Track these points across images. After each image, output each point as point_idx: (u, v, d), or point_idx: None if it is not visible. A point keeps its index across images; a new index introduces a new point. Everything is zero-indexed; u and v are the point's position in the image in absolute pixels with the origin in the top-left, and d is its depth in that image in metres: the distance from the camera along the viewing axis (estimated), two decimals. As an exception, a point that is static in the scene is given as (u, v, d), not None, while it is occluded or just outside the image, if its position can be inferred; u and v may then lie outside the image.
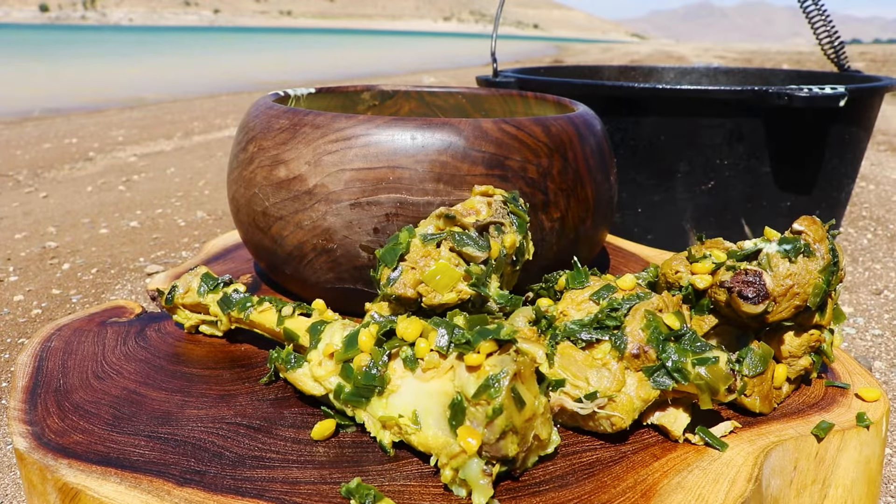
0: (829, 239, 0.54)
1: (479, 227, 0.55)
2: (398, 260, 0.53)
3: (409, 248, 0.54)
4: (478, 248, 0.53)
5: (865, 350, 1.24)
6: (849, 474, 0.54)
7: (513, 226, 0.56)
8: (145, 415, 0.52)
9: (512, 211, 0.57)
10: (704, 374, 0.47)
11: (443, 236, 0.54)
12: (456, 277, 0.52)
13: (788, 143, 1.20)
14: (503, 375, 0.41)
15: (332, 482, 0.45)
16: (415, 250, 0.53)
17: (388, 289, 0.52)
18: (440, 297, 0.52)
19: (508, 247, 0.55)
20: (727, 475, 0.46)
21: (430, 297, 0.52)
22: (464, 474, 0.42)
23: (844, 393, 0.58)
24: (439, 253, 0.53)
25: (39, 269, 1.74)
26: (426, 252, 0.53)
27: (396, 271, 0.53)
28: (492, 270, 0.54)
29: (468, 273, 0.52)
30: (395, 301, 0.53)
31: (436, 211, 0.55)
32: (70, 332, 0.66)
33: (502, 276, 0.55)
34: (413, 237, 0.54)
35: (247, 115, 0.73)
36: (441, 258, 0.53)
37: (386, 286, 0.53)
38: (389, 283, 0.53)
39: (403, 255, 0.53)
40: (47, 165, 3.11)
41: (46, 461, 0.47)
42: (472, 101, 0.94)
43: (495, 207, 0.56)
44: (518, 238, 0.56)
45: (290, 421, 0.52)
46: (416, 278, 0.52)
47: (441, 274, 0.52)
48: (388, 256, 0.54)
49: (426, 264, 0.52)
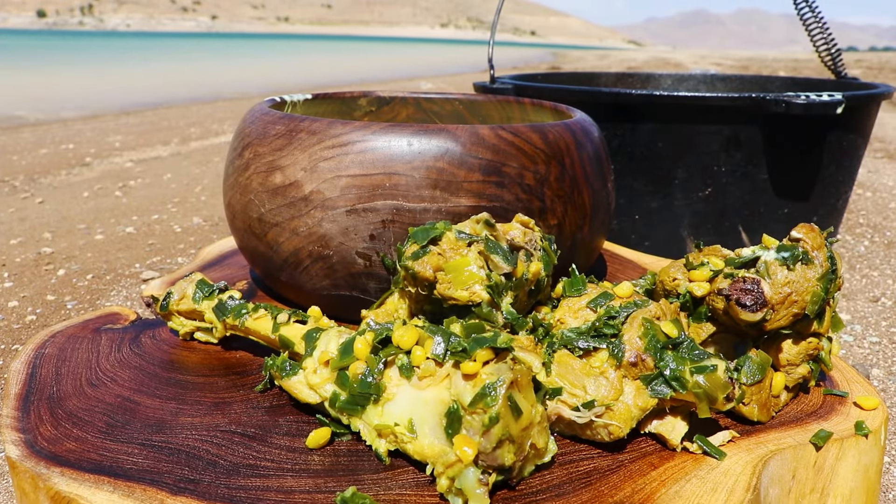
0: (827, 246, 0.54)
1: (510, 246, 0.56)
2: (429, 242, 0.54)
3: (442, 236, 0.54)
4: (504, 261, 0.54)
5: (863, 358, 1.24)
6: (847, 483, 0.53)
7: (540, 261, 0.57)
8: (139, 422, 0.52)
9: (544, 248, 0.58)
10: (702, 382, 0.47)
11: (476, 238, 0.54)
12: (475, 278, 0.52)
13: (786, 151, 1.20)
14: (500, 384, 0.41)
15: (327, 491, 0.44)
16: (447, 240, 0.54)
17: (410, 262, 0.53)
18: (453, 290, 0.52)
19: (532, 273, 0.56)
20: (725, 484, 0.46)
21: (445, 286, 0.52)
22: (460, 483, 0.42)
23: (843, 401, 0.58)
24: (469, 251, 0.54)
25: (34, 275, 1.74)
26: (457, 245, 0.54)
27: (423, 250, 0.54)
28: (510, 287, 0.54)
29: (488, 278, 0.53)
30: (410, 277, 0.54)
31: (476, 216, 0.56)
32: (64, 339, 0.66)
33: (517, 299, 0.56)
34: (449, 230, 0.55)
35: (243, 122, 0.73)
36: (468, 256, 0.53)
37: (409, 259, 0.53)
38: (414, 257, 0.53)
39: (435, 240, 0.54)
40: (44, 171, 3.11)
41: (39, 469, 0.46)
42: (469, 108, 0.94)
43: (530, 237, 0.58)
44: (543, 272, 0.56)
45: (284, 429, 0.51)
46: (438, 263, 0.53)
47: (463, 268, 0.52)
48: (420, 235, 0.55)
49: (452, 256, 0.53)
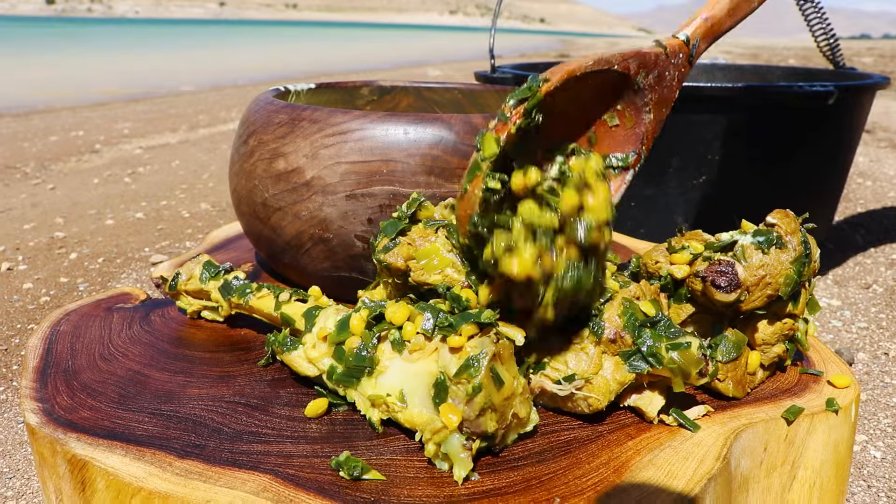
0: (801, 231, 0.56)
1: None
2: (398, 233, 0.57)
3: (411, 227, 0.57)
4: None
5: (850, 342, 1.27)
6: (818, 456, 0.56)
7: None
8: (149, 393, 0.55)
9: None
10: (677, 358, 0.50)
11: (443, 223, 0.57)
12: (445, 262, 0.55)
13: (779, 139, 1.22)
14: (483, 356, 0.44)
15: (323, 456, 0.48)
16: (415, 229, 0.57)
17: (382, 255, 0.56)
18: (427, 276, 0.55)
19: None
20: (696, 454, 0.49)
21: (418, 273, 0.55)
22: (445, 448, 0.45)
23: (817, 380, 0.60)
24: (437, 237, 0.56)
25: (47, 259, 1.78)
26: (425, 233, 0.56)
27: (393, 242, 0.56)
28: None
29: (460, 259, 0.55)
30: (385, 269, 0.56)
31: (445, 201, 0.59)
32: (78, 317, 0.69)
33: None
34: (426, 209, 0.58)
35: (248, 111, 0.76)
36: (436, 242, 0.56)
37: (381, 252, 0.56)
38: (385, 250, 0.56)
39: (404, 231, 0.57)
40: (54, 158, 3.15)
41: (56, 435, 0.50)
42: (467, 97, 0.97)
43: None
44: None
45: (285, 400, 0.55)
46: (409, 252, 0.55)
47: (432, 254, 0.55)
48: (389, 228, 0.57)
49: (422, 244, 0.56)
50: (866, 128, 3.69)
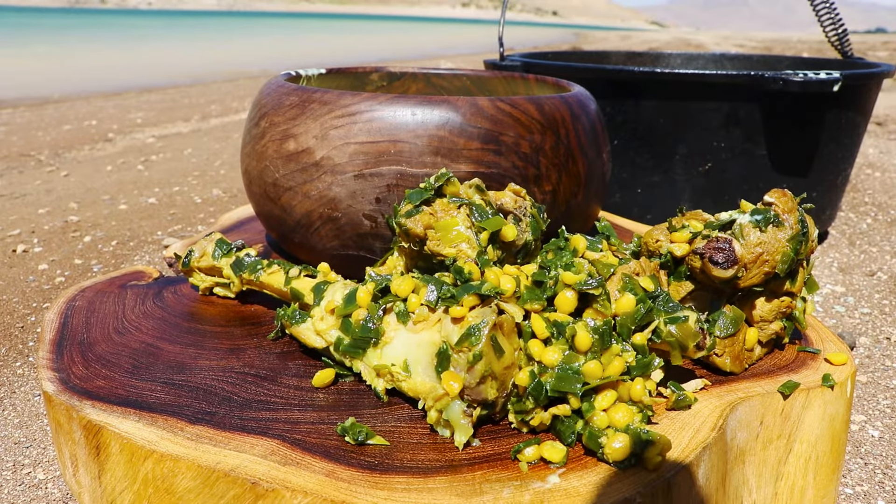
0: (798, 210, 0.57)
1: (501, 211, 0.60)
2: (422, 202, 0.58)
3: (435, 198, 0.59)
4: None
5: (853, 327, 1.27)
6: (813, 430, 0.57)
7: (528, 227, 0.61)
8: (162, 364, 0.57)
9: (532, 214, 0.62)
10: (674, 331, 0.51)
11: (465, 202, 0.58)
12: (462, 238, 0.57)
13: (784, 127, 1.22)
14: (483, 325, 0.46)
15: (329, 423, 0.49)
16: (439, 202, 0.59)
17: (403, 219, 0.58)
18: (442, 247, 0.56)
19: (510, 236, 0.59)
20: (693, 424, 0.50)
21: (434, 243, 0.57)
22: (447, 415, 0.46)
23: (815, 357, 0.62)
24: (458, 213, 0.58)
25: (62, 241, 1.81)
26: (447, 207, 0.58)
27: (416, 209, 0.58)
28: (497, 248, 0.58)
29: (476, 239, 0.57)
30: (403, 233, 0.58)
31: (469, 181, 0.60)
32: (93, 294, 0.71)
33: (503, 260, 0.60)
34: (453, 185, 0.59)
35: (260, 93, 0.77)
36: (457, 217, 0.58)
37: (403, 216, 0.58)
38: (407, 214, 0.58)
39: (428, 201, 0.59)
40: (68, 146, 3.18)
41: (72, 402, 0.52)
42: (476, 83, 0.98)
43: (520, 204, 0.62)
44: (530, 238, 0.60)
45: (293, 371, 0.56)
46: (429, 222, 0.57)
47: (451, 227, 0.57)
48: (414, 196, 0.59)
49: (443, 216, 0.58)
50: (879, 120, 3.67)
